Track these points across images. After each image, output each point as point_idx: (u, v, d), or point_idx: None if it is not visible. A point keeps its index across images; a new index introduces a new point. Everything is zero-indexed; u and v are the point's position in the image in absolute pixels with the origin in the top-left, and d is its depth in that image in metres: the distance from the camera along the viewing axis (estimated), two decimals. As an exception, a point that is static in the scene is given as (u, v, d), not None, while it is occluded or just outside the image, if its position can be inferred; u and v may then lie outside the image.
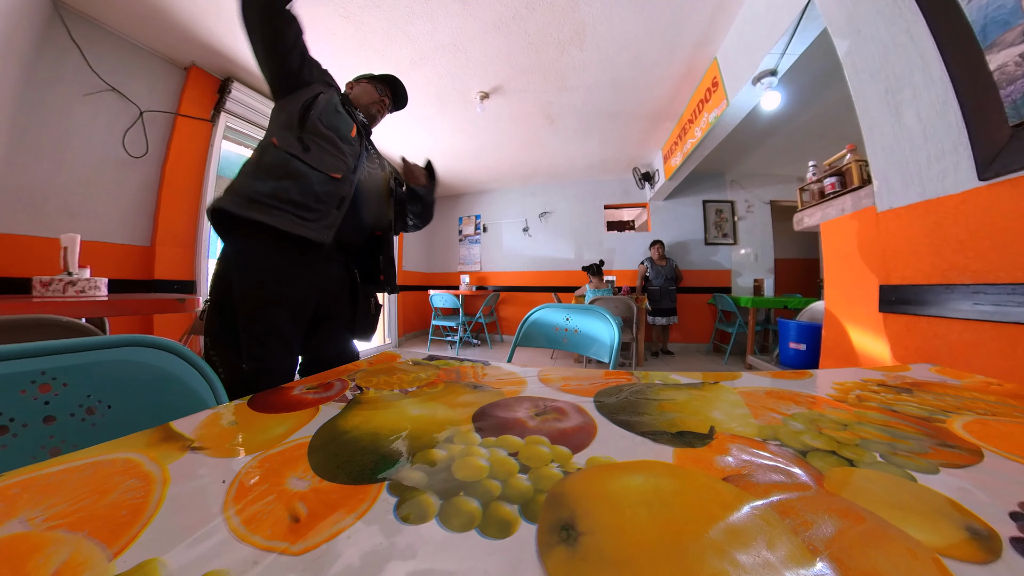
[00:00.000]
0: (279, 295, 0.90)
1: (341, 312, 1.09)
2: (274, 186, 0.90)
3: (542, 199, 5.51)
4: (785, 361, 1.93)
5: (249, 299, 0.88)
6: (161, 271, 2.28)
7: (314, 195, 0.94)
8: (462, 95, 2.96)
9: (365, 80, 1.26)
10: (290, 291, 0.92)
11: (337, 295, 1.07)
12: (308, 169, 0.95)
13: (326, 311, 1.04)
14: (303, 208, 0.92)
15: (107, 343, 0.46)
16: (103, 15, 2.00)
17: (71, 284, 1.39)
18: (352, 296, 1.12)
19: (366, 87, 1.25)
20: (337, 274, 1.06)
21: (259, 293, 0.88)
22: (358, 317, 1.12)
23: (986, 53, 0.84)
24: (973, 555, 0.20)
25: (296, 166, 0.94)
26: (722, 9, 2.06)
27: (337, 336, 1.09)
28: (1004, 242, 0.83)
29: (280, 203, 0.90)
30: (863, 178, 1.38)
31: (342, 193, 1.00)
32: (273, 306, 0.90)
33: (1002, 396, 0.49)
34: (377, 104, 1.25)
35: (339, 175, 1.00)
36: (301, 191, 0.92)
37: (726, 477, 0.28)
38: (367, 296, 1.15)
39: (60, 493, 0.26)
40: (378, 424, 0.39)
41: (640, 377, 0.57)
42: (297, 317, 0.95)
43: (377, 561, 0.20)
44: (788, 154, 4.09)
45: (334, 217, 0.97)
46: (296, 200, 0.91)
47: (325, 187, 0.96)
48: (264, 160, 0.94)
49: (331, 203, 0.97)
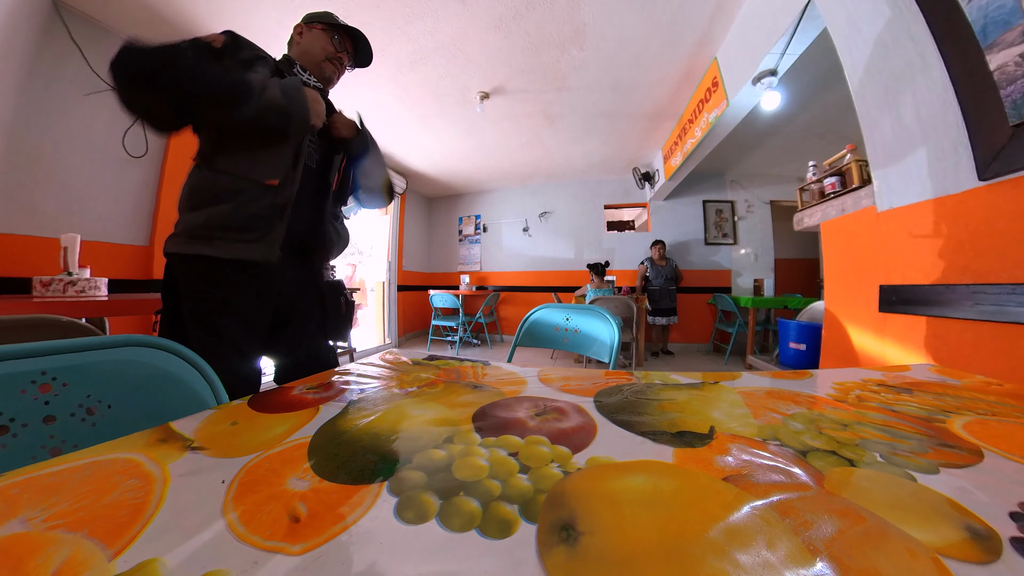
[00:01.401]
0: (227, 303, 0.85)
1: (308, 314, 1.01)
2: (207, 214, 0.82)
3: (542, 199, 5.51)
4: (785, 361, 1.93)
5: (197, 311, 0.84)
6: (161, 271, 2.26)
7: (248, 216, 0.83)
8: (462, 95, 2.96)
9: (319, 25, 1.00)
10: (240, 300, 0.86)
11: (298, 297, 0.98)
12: (237, 183, 0.83)
13: (288, 315, 0.97)
14: (242, 231, 0.83)
15: (107, 343, 0.46)
16: (103, 15, 2.00)
17: (71, 284, 1.39)
18: (319, 296, 1.04)
19: (319, 35, 1.00)
20: (293, 276, 0.97)
21: (208, 304, 0.84)
22: (328, 318, 1.05)
23: (986, 53, 0.84)
24: (973, 555, 0.20)
25: (223, 183, 0.83)
26: (722, 9, 2.06)
27: (308, 339, 1.01)
28: (1004, 242, 0.83)
29: (219, 232, 0.82)
30: (863, 178, 1.38)
31: (282, 200, 0.86)
32: (224, 316, 0.84)
33: (1002, 396, 0.49)
34: (333, 61, 1.01)
35: (275, 180, 0.86)
36: (233, 213, 0.82)
37: (726, 477, 0.28)
38: (335, 295, 1.06)
39: (60, 493, 0.26)
40: (378, 424, 0.39)
41: (640, 377, 0.57)
42: (251, 324, 0.89)
43: (377, 561, 0.20)
44: (788, 154, 4.09)
45: (279, 229, 0.86)
46: (232, 225, 0.82)
47: (261, 201, 0.84)
48: (191, 185, 0.85)
49: (272, 216, 0.85)
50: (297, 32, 1.01)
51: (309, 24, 1.01)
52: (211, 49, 0.85)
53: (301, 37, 1.01)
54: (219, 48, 0.86)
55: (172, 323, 0.88)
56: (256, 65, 0.88)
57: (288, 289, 0.96)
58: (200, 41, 0.83)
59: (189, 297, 0.85)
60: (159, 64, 0.72)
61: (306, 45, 1.00)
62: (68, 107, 1.94)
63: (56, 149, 1.90)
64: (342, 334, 1.11)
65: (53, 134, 1.89)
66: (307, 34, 1.00)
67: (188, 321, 0.85)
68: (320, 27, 1.00)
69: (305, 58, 1.00)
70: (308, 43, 1.00)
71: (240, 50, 0.89)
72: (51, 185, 1.89)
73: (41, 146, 1.85)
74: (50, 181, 1.88)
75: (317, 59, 1.00)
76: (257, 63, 0.89)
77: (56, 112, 1.90)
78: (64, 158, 1.93)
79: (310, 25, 1.00)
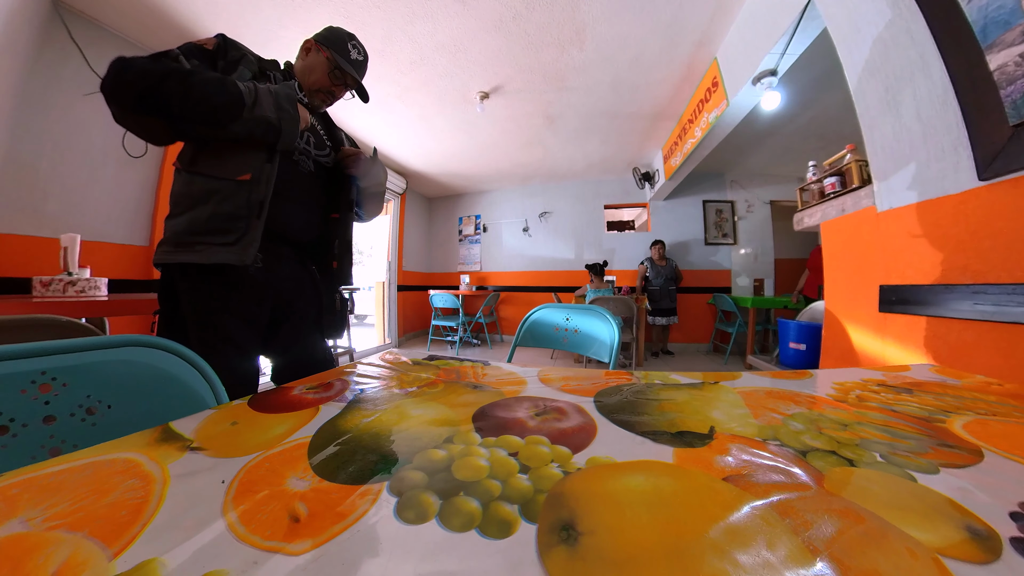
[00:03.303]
0: (226, 304, 0.84)
1: (304, 312, 1.01)
2: (188, 219, 0.81)
3: (542, 199, 5.51)
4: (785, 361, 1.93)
5: (197, 312, 0.84)
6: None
7: (225, 214, 0.81)
8: (462, 95, 2.96)
9: (327, 52, 0.98)
10: (238, 300, 0.86)
11: (295, 294, 0.99)
12: (210, 182, 0.82)
13: (285, 312, 0.97)
14: (221, 233, 0.81)
15: (107, 343, 0.46)
16: (103, 15, 2.00)
17: (71, 284, 1.39)
18: (315, 293, 1.04)
19: (323, 63, 0.98)
20: (291, 273, 0.98)
21: (207, 305, 0.84)
22: (324, 315, 1.05)
23: (986, 53, 0.84)
24: (973, 555, 0.20)
25: (198, 185, 0.82)
26: (722, 9, 2.06)
27: (304, 336, 1.02)
28: (1004, 242, 0.83)
29: (199, 236, 0.81)
30: (863, 178, 1.38)
31: (258, 197, 0.84)
32: (223, 315, 0.84)
33: (1002, 396, 0.49)
34: (325, 93, 1.02)
35: (247, 175, 0.83)
36: (211, 215, 0.81)
37: (726, 477, 0.28)
38: (331, 292, 1.07)
39: (60, 493, 0.26)
40: (378, 424, 0.39)
41: (640, 377, 0.57)
42: (251, 322, 0.89)
43: (377, 561, 0.20)
44: (788, 154, 4.09)
45: (255, 230, 0.83)
46: (210, 228, 0.81)
47: (236, 199, 0.82)
48: (173, 191, 0.85)
49: (249, 214, 0.83)
50: (305, 48, 1.00)
51: (320, 45, 0.99)
52: (204, 52, 0.84)
53: (307, 55, 1.00)
54: (211, 50, 0.86)
55: (170, 324, 0.88)
56: (241, 65, 0.88)
57: (286, 286, 0.96)
58: (192, 46, 0.83)
59: (188, 299, 0.85)
60: (148, 89, 0.71)
61: (309, 65, 1.00)
62: (68, 107, 1.93)
63: (56, 149, 1.90)
64: (338, 331, 1.12)
65: (53, 134, 1.89)
66: (313, 55, 0.99)
67: (189, 321, 0.85)
68: (327, 55, 0.98)
69: (302, 77, 1.01)
70: (310, 64, 1.00)
71: (229, 52, 0.89)
72: (51, 185, 1.89)
73: (41, 146, 1.85)
74: (50, 181, 1.88)
75: (310, 85, 1.01)
76: (242, 63, 0.89)
77: (56, 112, 1.90)
78: (64, 158, 1.93)
79: (319, 47, 0.98)
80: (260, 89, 0.83)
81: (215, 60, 0.86)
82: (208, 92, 0.75)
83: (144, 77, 0.71)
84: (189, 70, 0.76)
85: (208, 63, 0.84)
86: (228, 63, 0.87)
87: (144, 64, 0.72)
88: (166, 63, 0.75)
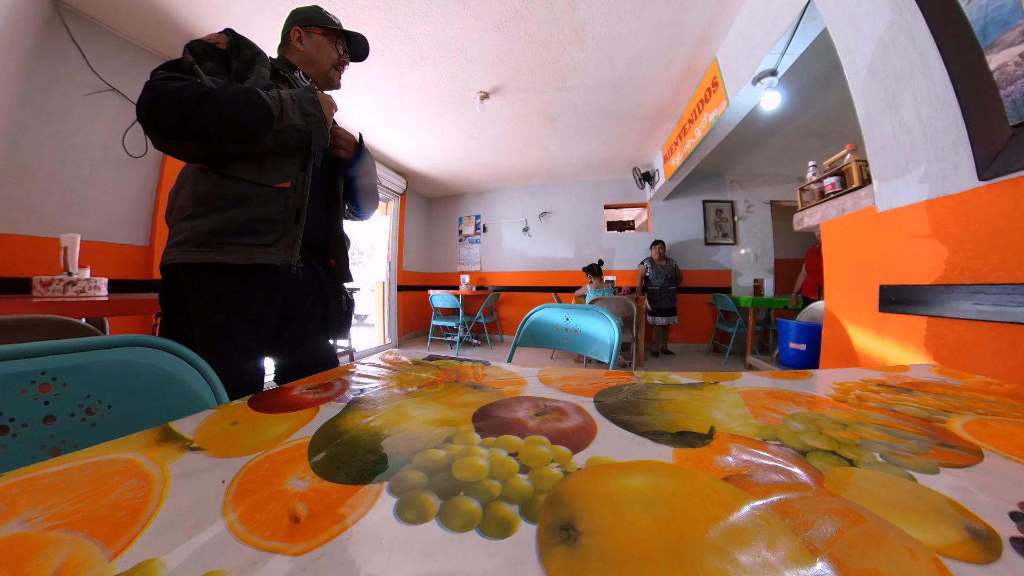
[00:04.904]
0: (236, 306, 0.84)
1: (310, 312, 1.01)
2: (218, 220, 0.80)
3: (542, 199, 5.51)
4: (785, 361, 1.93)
5: (205, 314, 0.83)
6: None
7: (264, 219, 0.83)
8: (462, 95, 2.96)
9: (318, 30, 0.98)
10: (250, 302, 0.85)
11: (303, 295, 0.98)
12: (249, 188, 0.82)
13: (292, 313, 0.96)
14: (257, 234, 0.82)
15: (107, 343, 0.46)
16: (103, 15, 2.00)
17: (71, 284, 1.39)
18: (322, 294, 1.04)
19: (322, 42, 0.99)
20: (299, 274, 0.97)
21: (217, 306, 0.83)
22: (330, 316, 1.04)
23: (986, 53, 0.83)
24: (973, 555, 0.20)
25: (235, 188, 0.82)
26: (722, 9, 2.06)
27: (310, 337, 1.02)
28: (1004, 242, 0.83)
29: (232, 236, 0.80)
30: (863, 178, 1.38)
31: (296, 203, 0.86)
32: (232, 317, 0.83)
33: (1002, 396, 0.49)
34: (339, 68, 1.02)
35: (287, 183, 0.86)
36: (249, 217, 0.82)
37: (726, 477, 0.28)
38: (337, 293, 1.06)
39: (60, 493, 0.26)
40: (378, 424, 0.39)
41: (640, 377, 0.57)
42: (259, 324, 0.88)
43: (377, 561, 0.20)
44: (788, 154, 4.09)
45: (295, 232, 0.86)
46: (248, 229, 0.82)
47: (275, 204, 0.84)
48: (197, 192, 0.82)
49: (288, 219, 0.85)
50: (296, 38, 0.99)
51: (307, 28, 0.98)
52: (217, 52, 0.84)
53: (302, 44, 0.98)
54: (225, 50, 0.85)
55: (175, 326, 0.87)
56: (257, 63, 0.88)
57: (295, 288, 0.96)
58: (205, 45, 0.82)
59: (196, 300, 0.84)
60: (186, 118, 0.72)
61: (310, 53, 0.98)
62: (68, 107, 1.93)
63: (56, 149, 1.90)
64: (343, 332, 1.11)
65: (53, 134, 1.89)
66: (308, 40, 0.98)
67: (195, 323, 0.84)
68: (320, 32, 0.98)
69: (310, 67, 1.00)
70: (312, 51, 0.98)
71: (242, 50, 0.88)
72: (51, 185, 1.89)
73: (41, 146, 1.85)
74: (50, 181, 1.88)
75: (324, 68, 1.00)
76: (258, 61, 0.88)
77: (56, 112, 1.90)
78: (64, 158, 1.93)
79: (308, 29, 0.98)
80: (283, 96, 0.83)
81: (229, 60, 0.85)
82: (238, 110, 0.75)
83: (179, 106, 0.71)
84: (217, 89, 0.75)
85: (222, 64, 0.84)
86: (243, 62, 0.86)
87: (177, 91, 0.72)
88: (196, 85, 0.74)
